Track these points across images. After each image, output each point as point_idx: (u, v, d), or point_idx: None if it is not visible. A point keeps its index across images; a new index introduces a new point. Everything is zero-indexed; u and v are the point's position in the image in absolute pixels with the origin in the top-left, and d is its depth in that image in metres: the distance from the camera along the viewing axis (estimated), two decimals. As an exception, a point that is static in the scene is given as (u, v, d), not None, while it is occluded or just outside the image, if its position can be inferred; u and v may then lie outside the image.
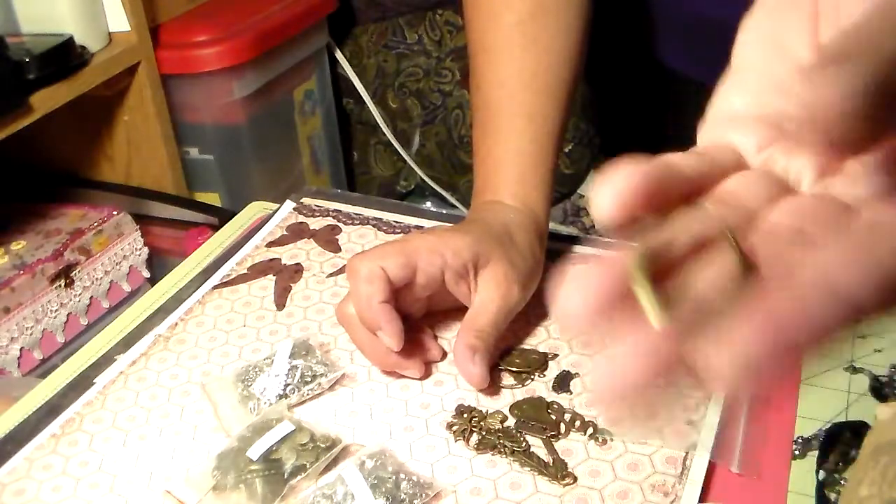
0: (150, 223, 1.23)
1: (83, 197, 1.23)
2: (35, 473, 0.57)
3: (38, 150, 1.26)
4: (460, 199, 1.50)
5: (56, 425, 0.61)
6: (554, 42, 0.70)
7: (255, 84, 1.32)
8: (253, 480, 0.54)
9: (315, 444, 0.55)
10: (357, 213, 0.81)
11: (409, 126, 1.51)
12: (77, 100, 1.07)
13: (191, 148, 1.31)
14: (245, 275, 0.74)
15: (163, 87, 1.22)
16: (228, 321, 0.69)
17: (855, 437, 0.54)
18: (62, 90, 1.05)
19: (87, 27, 1.11)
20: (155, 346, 0.67)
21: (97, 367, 0.66)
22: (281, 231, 0.79)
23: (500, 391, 0.61)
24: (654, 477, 0.53)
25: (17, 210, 1.18)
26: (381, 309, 0.58)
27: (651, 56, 0.87)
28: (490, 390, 0.61)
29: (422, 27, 1.46)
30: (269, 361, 0.62)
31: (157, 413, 0.61)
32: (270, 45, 1.31)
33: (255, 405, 0.60)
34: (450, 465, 0.56)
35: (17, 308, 1.03)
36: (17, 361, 1.03)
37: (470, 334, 0.61)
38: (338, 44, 1.50)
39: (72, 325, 1.11)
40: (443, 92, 1.47)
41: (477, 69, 0.73)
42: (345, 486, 0.52)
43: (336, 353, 0.65)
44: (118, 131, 1.24)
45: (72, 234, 1.12)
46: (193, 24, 1.27)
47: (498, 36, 0.71)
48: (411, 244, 0.61)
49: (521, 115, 0.69)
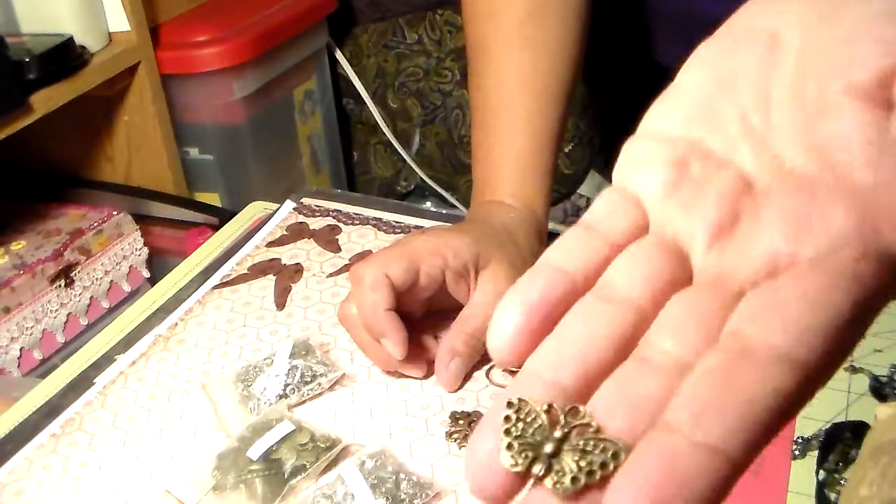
0: (150, 223, 1.23)
1: (83, 197, 1.23)
2: (35, 473, 0.57)
3: (38, 150, 1.26)
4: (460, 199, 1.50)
5: (56, 425, 0.61)
6: (553, 42, 0.71)
7: (255, 84, 1.32)
8: (253, 480, 0.54)
9: (315, 444, 0.55)
10: (357, 213, 0.81)
11: (409, 126, 1.51)
12: (77, 100, 1.07)
13: (191, 148, 1.31)
14: (245, 275, 0.74)
15: (163, 87, 1.22)
16: (228, 321, 0.69)
17: (855, 437, 0.54)
18: (62, 90, 1.04)
19: (87, 27, 1.11)
20: (155, 346, 0.67)
21: (97, 367, 0.66)
22: (281, 231, 0.79)
23: (500, 391, 0.61)
24: (654, 477, 0.53)
25: (17, 210, 1.18)
26: (386, 317, 0.58)
27: (651, 56, 0.87)
28: (489, 391, 0.61)
29: (422, 27, 1.46)
30: (269, 361, 0.62)
31: (157, 413, 0.61)
32: (270, 45, 1.31)
33: (255, 405, 0.60)
34: (450, 465, 0.56)
35: (17, 308, 1.03)
36: (17, 361, 1.03)
37: (458, 338, 0.61)
38: (338, 44, 1.50)
39: (72, 325, 1.11)
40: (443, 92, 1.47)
41: (476, 69, 0.73)
42: (345, 486, 0.52)
43: (336, 353, 0.65)
44: (118, 131, 1.24)
45: (72, 234, 1.12)
46: (193, 24, 1.27)
47: (497, 36, 0.71)
48: (412, 247, 0.61)
49: (521, 115, 0.69)
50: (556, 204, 1.41)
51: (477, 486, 0.24)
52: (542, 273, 0.27)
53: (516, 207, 0.67)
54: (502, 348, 0.26)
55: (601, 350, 0.25)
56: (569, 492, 0.23)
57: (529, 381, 0.25)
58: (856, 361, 0.61)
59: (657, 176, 0.28)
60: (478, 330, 0.61)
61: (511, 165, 0.69)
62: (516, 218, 0.66)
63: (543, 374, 0.25)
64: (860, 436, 0.53)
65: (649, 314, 0.26)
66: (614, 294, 0.26)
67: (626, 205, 0.28)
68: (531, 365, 0.25)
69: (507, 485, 0.24)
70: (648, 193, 0.28)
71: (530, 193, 0.68)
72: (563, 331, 0.26)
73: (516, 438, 0.24)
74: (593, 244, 0.28)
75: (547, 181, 0.69)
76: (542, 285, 0.27)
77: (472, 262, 0.61)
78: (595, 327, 0.26)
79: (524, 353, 0.26)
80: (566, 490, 0.23)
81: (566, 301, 0.26)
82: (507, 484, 0.24)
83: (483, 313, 0.61)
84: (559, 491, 0.23)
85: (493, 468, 0.24)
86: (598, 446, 0.23)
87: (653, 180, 0.28)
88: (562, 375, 0.25)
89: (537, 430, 0.24)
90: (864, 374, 0.60)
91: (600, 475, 0.23)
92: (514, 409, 0.24)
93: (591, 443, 0.23)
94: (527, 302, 0.26)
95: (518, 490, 0.24)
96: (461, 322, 0.62)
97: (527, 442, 0.24)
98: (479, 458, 0.24)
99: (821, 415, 0.57)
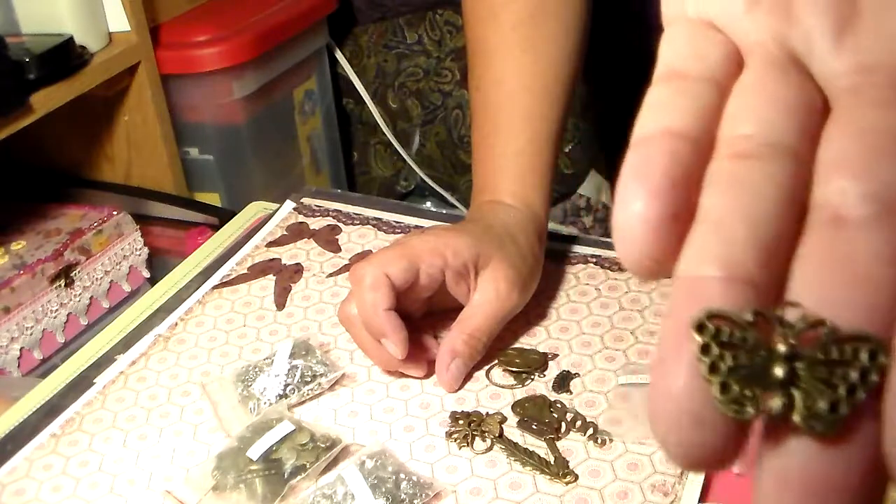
0: (150, 223, 1.23)
1: (83, 197, 1.23)
2: (35, 473, 0.57)
3: (38, 150, 1.26)
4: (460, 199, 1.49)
5: (56, 425, 0.61)
6: (553, 43, 0.71)
7: (255, 84, 1.32)
8: (253, 480, 0.54)
9: (315, 444, 0.55)
10: (357, 213, 0.81)
11: (409, 126, 1.51)
12: (77, 100, 1.07)
13: (191, 148, 1.31)
14: (245, 275, 0.74)
15: (163, 87, 1.22)
16: (228, 321, 0.69)
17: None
18: (62, 90, 1.04)
19: (87, 27, 1.11)
20: (155, 346, 0.67)
21: (97, 367, 0.66)
22: (281, 231, 0.79)
23: (500, 391, 0.61)
24: (654, 477, 0.53)
25: (17, 210, 1.18)
26: (386, 317, 0.58)
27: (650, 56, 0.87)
28: (489, 391, 0.61)
29: (422, 27, 1.46)
30: (269, 361, 0.62)
31: (157, 413, 0.61)
32: (270, 45, 1.31)
33: (255, 405, 0.60)
34: (450, 465, 0.56)
35: (17, 308, 1.03)
36: (17, 361, 1.03)
37: (459, 338, 0.61)
38: (338, 44, 1.50)
39: (72, 325, 1.11)
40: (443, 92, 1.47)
41: (476, 70, 0.73)
42: (345, 486, 0.52)
43: (336, 353, 0.65)
44: (118, 131, 1.24)
45: (72, 234, 1.12)
46: (193, 24, 1.27)
47: (497, 37, 0.71)
48: (412, 246, 0.61)
49: (520, 115, 0.69)
50: (556, 204, 1.41)
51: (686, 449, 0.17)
52: (654, 144, 0.20)
53: (516, 207, 0.67)
54: (639, 249, 0.19)
55: (773, 220, 0.18)
56: (833, 424, 0.16)
57: (699, 289, 0.18)
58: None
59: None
60: (478, 330, 0.61)
61: (511, 165, 0.69)
62: (516, 218, 0.66)
63: (713, 273, 0.18)
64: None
65: (807, 157, 0.19)
66: (753, 144, 0.19)
67: (708, 34, 0.22)
68: (688, 267, 0.18)
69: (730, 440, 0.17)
70: (728, 11, 0.22)
71: (530, 193, 0.68)
72: (711, 210, 0.19)
73: (731, 374, 0.17)
74: (697, 90, 0.21)
75: (547, 181, 0.69)
76: (663, 157, 0.20)
77: (472, 261, 0.61)
78: (752, 193, 0.19)
79: (668, 252, 0.19)
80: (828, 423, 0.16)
81: (699, 171, 0.20)
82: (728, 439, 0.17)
83: (483, 313, 0.61)
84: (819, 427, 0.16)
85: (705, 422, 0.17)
86: (846, 351, 0.16)
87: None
88: (739, 267, 0.18)
89: (753, 353, 0.17)
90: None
91: (863, 391, 0.16)
92: (708, 333, 0.17)
93: (833, 349, 0.17)
94: (654, 182, 0.19)
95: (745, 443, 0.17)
96: (461, 322, 0.62)
97: (747, 374, 0.17)
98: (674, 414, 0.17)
99: (821, 415, 0.57)
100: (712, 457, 0.17)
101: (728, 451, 0.17)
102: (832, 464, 0.16)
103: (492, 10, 0.71)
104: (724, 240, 0.18)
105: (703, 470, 0.16)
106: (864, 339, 0.16)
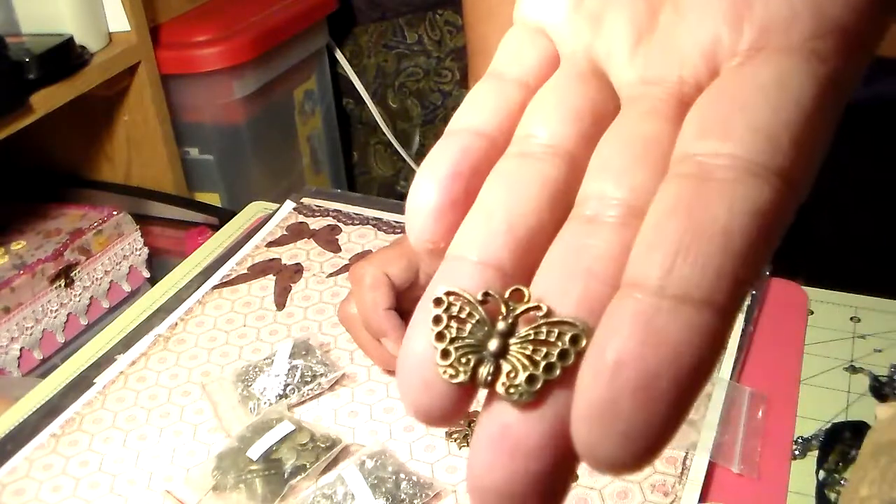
0: (150, 223, 1.23)
1: (83, 197, 1.23)
2: (35, 473, 0.57)
3: (38, 150, 1.26)
4: (460, 199, 1.50)
5: (56, 425, 0.61)
6: None
7: (255, 84, 1.32)
8: (253, 480, 0.54)
9: (315, 444, 0.55)
10: (357, 213, 0.81)
11: (409, 126, 1.51)
12: (77, 100, 1.07)
13: (191, 148, 1.31)
14: (245, 275, 0.74)
15: (163, 87, 1.22)
16: (228, 321, 0.69)
17: (855, 437, 0.54)
18: (62, 90, 1.04)
19: (87, 27, 1.11)
20: (155, 346, 0.67)
21: (97, 367, 0.66)
22: (281, 231, 0.79)
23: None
24: (654, 477, 0.53)
25: (17, 210, 1.18)
26: (386, 316, 0.58)
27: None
28: (490, 390, 0.61)
29: (422, 27, 1.46)
30: (269, 361, 0.62)
31: (157, 413, 0.61)
32: (270, 45, 1.31)
33: (255, 405, 0.60)
34: (450, 465, 0.56)
35: (17, 308, 1.03)
36: (17, 361, 1.03)
37: None
38: (338, 44, 1.50)
39: (72, 325, 1.11)
40: (443, 92, 1.47)
41: (476, 70, 0.73)
42: (345, 486, 0.52)
43: (336, 353, 0.65)
44: (118, 131, 1.24)
45: (72, 234, 1.12)
46: (193, 24, 1.27)
47: (497, 37, 0.71)
48: (412, 246, 0.61)
49: None
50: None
51: (415, 407, 0.19)
52: (453, 138, 0.22)
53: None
54: (421, 231, 0.22)
55: (533, 214, 0.20)
56: (527, 395, 0.18)
57: (456, 269, 0.20)
58: (856, 361, 0.61)
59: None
60: None
61: None
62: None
63: (470, 257, 0.20)
64: (860, 436, 0.53)
65: (582, 160, 0.21)
66: (535, 144, 0.21)
67: (533, 38, 0.24)
68: (454, 249, 0.21)
69: (450, 401, 0.19)
70: (552, 19, 0.23)
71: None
72: (483, 201, 0.21)
73: (452, 342, 0.19)
74: (505, 92, 0.23)
75: None
76: (455, 151, 0.22)
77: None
78: (520, 188, 0.21)
79: (447, 234, 0.21)
80: (523, 393, 0.18)
81: (488, 165, 0.22)
82: (448, 400, 0.19)
83: None
84: (515, 396, 0.18)
85: (431, 383, 0.19)
86: (553, 333, 0.19)
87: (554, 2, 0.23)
88: (492, 253, 0.20)
89: (476, 327, 0.19)
90: (864, 374, 0.60)
91: (561, 368, 0.18)
92: (442, 306, 0.20)
93: (543, 330, 0.19)
94: (441, 172, 0.21)
95: (466, 405, 0.20)
96: None
97: (466, 344, 0.19)
98: (410, 374, 0.20)
99: (821, 415, 0.57)
100: (438, 415, 0.19)
101: (450, 412, 0.19)
102: (528, 428, 0.18)
103: (492, 10, 0.71)
104: (486, 228, 0.20)
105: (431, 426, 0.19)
106: (570, 325, 0.19)
